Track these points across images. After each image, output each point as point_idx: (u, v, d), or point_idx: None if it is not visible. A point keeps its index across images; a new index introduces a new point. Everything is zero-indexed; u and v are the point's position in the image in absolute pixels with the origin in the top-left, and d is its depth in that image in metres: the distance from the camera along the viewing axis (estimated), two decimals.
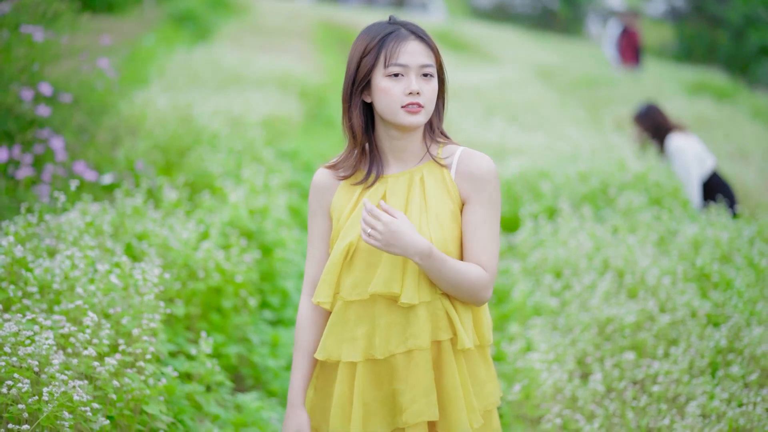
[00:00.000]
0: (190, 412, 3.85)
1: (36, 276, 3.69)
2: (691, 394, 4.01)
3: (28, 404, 2.99)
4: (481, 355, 2.79)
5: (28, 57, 6.24)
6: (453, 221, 2.71)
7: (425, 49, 2.69)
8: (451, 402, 2.70)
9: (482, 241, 2.70)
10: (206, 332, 4.16)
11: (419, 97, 2.67)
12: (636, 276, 4.97)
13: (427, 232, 2.67)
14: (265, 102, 9.37)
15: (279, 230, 5.74)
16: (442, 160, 2.76)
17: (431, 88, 2.69)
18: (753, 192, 8.69)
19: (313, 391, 2.83)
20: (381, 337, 2.68)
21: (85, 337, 3.29)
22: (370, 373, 2.72)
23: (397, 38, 2.69)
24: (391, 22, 2.75)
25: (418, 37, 2.69)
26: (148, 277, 3.80)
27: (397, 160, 2.77)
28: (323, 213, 2.82)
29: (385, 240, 2.58)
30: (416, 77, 2.67)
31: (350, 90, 2.75)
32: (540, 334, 4.67)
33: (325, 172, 2.84)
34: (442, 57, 2.77)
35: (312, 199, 2.85)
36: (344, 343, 2.71)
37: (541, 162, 7.41)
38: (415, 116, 2.68)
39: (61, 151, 5.98)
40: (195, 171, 6.49)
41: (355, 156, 2.78)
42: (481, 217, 2.70)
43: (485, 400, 2.78)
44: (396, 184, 2.74)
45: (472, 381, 2.75)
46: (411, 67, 2.67)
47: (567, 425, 4.00)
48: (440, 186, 2.73)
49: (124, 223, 4.69)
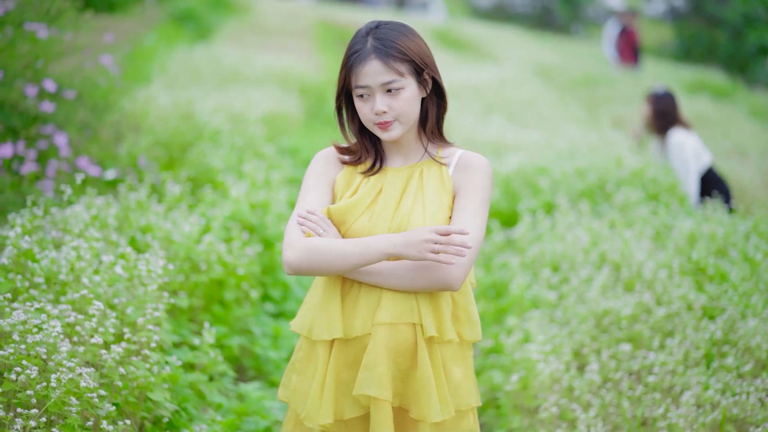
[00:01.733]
0: (193, 400, 3.92)
1: (42, 267, 3.76)
2: (686, 385, 4.08)
3: (37, 391, 3.05)
4: (460, 354, 2.84)
5: (32, 54, 6.31)
6: (443, 211, 2.78)
7: (384, 66, 2.72)
8: (423, 389, 2.74)
9: (458, 220, 2.76)
10: (209, 324, 4.22)
11: (386, 115, 2.74)
12: (632, 269, 5.04)
13: (422, 219, 2.74)
14: (265, 99, 9.45)
15: (280, 224, 5.81)
16: (442, 159, 2.85)
17: (400, 101, 2.74)
18: (749, 189, 8.77)
19: (296, 375, 2.88)
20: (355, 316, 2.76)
21: (92, 325, 3.36)
22: (343, 353, 2.78)
23: (358, 58, 2.75)
24: (365, 33, 2.78)
25: (379, 55, 2.72)
26: (153, 269, 3.87)
27: (398, 154, 2.87)
28: (327, 182, 2.87)
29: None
30: (381, 95, 2.73)
31: (337, 99, 2.86)
32: (538, 326, 4.74)
33: (334, 151, 2.91)
34: (428, 58, 2.79)
35: (317, 166, 2.89)
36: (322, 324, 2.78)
37: (540, 159, 7.47)
38: (388, 132, 2.77)
39: (65, 147, 6.05)
40: (197, 166, 6.57)
41: (361, 148, 2.88)
42: (464, 202, 2.78)
43: (459, 400, 2.82)
44: (395, 178, 2.83)
45: (447, 378, 2.80)
46: (373, 87, 2.73)
47: (564, 414, 4.06)
48: (437, 181, 2.82)
49: (128, 217, 4.76)
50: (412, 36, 2.79)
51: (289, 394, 2.90)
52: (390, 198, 2.80)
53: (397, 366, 2.77)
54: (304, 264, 2.72)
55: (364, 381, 2.73)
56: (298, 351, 2.92)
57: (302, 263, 2.72)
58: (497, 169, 7.31)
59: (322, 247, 2.71)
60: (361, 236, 2.76)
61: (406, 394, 2.79)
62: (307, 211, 2.78)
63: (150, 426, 3.57)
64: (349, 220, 2.79)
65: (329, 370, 2.77)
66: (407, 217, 2.76)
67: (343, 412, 2.79)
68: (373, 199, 2.82)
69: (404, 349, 2.76)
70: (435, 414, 2.73)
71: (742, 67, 23.23)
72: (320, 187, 2.86)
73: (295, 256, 2.72)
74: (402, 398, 2.80)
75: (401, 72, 2.73)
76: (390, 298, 2.75)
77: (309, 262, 2.71)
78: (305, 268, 2.73)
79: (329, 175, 2.88)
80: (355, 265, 2.70)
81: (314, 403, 2.78)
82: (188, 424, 3.73)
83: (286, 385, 2.93)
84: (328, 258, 2.70)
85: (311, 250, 2.71)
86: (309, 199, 2.83)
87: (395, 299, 2.75)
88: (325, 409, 2.76)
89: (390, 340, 2.74)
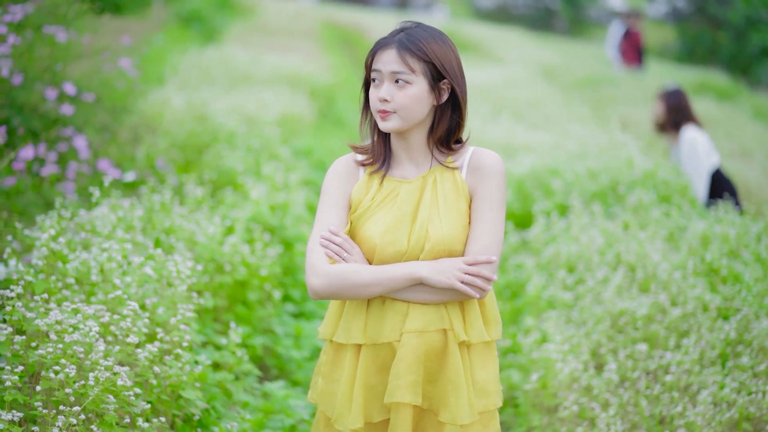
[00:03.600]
0: (221, 399, 4.00)
1: (74, 268, 3.84)
2: (703, 384, 4.15)
3: (75, 389, 3.13)
4: (486, 353, 2.87)
5: (51, 57, 6.38)
6: (462, 219, 2.79)
7: (399, 56, 2.75)
8: (453, 391, 2.77)
9: (478, 232, 2.78)
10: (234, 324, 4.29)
11: (387, 104, 2.77)
12: (647, 270, 5.11)
13: (439, 227, 2.77)
14: (277, 101, 9.53)
15: (299, 226, 5.89)
16: (452, 163, 2.86)
17: (404, 95, 2.76)
18: (756, 190, 8.82)
19: (321, 378, 2.92)
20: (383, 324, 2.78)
21: (127, 325, 3.44)
22: (371, 358, 2.81)
23: (382, 45, 2.80)
24: (399, 29, 2.83)
25: (398, 46, 2.76)
26: (181, 269, 3.95)
27: (408, 159, 2.88)
28: (344, 197, 2.88)
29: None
30: (388, 83, 2.77)
31: (363, 88, 2.90)
32: (555, 326, 4.81)
33: (348, 161, 2.93)
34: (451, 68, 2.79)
35: (332, 183, 2.90)
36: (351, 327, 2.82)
37: (551, 160, 7.54)
38: (385, 122, 2.79)
39: (85, 149, 6.13)
40: (213, 168, 6.65)
41: (375, 146, 2.90)
42: (481, 208, 2.79)
43: (485, 399, 2.85)
44: (410, 190, 2.84)
45: (473, 378, 2.83)
46: (384, 73, 2.78)
47: (583, 413, 4.13)
48: (452, 187, 2.83)
49: (152, 219, 4.84)
50: (442, 43, 2.81)
51: (316, 397, 2.95)
52: (407, 210, 2.80)
53: (426, 369, 2.79)
54: (329, 291, 2.75)
55: (397, 389, 2.76)
56: (323, 354, 2.95)
57: (327, 291, 2.75)
58: (509, 170, 7.38)
59: (348, 275, 2.73)
60: (377, 247, 2.78)
61: (434, 397, 2.81)
62: (329, 231, 2.80)
63: (181, 424, 3.65)
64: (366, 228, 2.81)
65: (358, 375, 2.81)
66: (425, 229, 2.77)
67: (372, 415, 2.83)
68: (390, 209, 2.83)
69: (434, 353, 2.79)
70: (464, 416, 2.76)
71: (745, 69, 23.31)
72: (338, 205, 2.87)
73: (320, 283, 2.74)
74: (431, 401, 2.81)
75: (413, 69, 2.75)
76: (418, 305, 2.78)
77: (334, 289, 2.74)
78: (331, 295, 2.76)
79: (345, 190, 2.89)
80: (381, 292, 2.75)
81: (343, 407, 2.82)
82: (217, 422, 3.81)
83: (314, 388, 2.99)
84: (354, 287, 2.73)
85: (336, 278, 2.73)
86: (328, 218, 2.84)
87: (424, 306, 2.78)
88: (355, 414, 2.80)
89: (419, 347, 2.77)
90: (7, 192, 5.47)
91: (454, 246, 2.77)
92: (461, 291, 2.71)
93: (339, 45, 21.45)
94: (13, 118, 5.94)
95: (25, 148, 5.72)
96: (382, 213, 2.83)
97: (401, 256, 2.78)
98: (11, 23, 5.97)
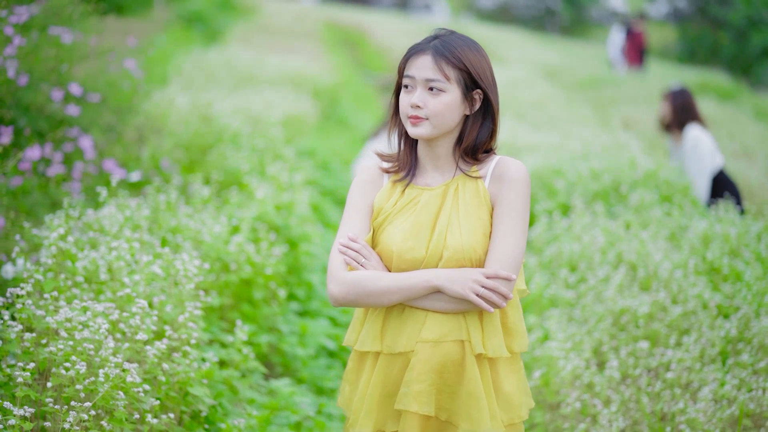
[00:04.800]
0: (227, 396, 4.05)
1: (83, 266, 3.89)
2: (703, 381, 4.20)
3: (85, 385, 3.17)
4: (511, 366, 2.85)
5: (57, 58, 6.42)
6: (483, 228, 2.77)
7: (434, 63, 2.74)
8: (473, 404, 2.74)
9: (499, 242, 2.75)
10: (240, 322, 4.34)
11: (420, 110, 2.75)
12: (649, 269, 5.16)
13: (458, 235, 2.75)
14: (281, 102, 9.58)
15: (303, 225, 5.95)
16: (476, 172, 2.83)
17: (437, 102, 2.74)
18: (757, 190, 8.88)
19: (347, 385, 2.94)
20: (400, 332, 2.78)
21: (136, 322, 3.48)
22: (388, 367, 2.81)
23: (416, 51, 2.79)
24: (434, 36, 2.82)
25: (434, 53, 2.75)
26: (189, 268, 4.00)
27: (434, 167, 2.86)
28: (367, 205, 2.89)
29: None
30: (422, 90, 2.76)
31: (395, 92, 2.89)
32: (557, 324, 4.86)
33: (372, 169, 2.94)
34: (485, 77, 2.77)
35: (355, 191, 2.92)
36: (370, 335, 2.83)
37: (554, 160, 7.59)
38: (416, 128, 2.77)
39: (90, 150, 6.17)
40: (218, 168, 6.70)
41: (402, 154, 2.90)
42: (503, 218, 2.77)
43: (511, 412, 2.82)
44: (431, 198, 2.82)
45: (497, 390, 2.80)
46: (417, 79, 2.76)
47: (585, 410, 4.18)
48: (474, 196, 2.81)
49: (158, 218, 4.88)
50: (476, 52, 2.79)
51: (343, 402, 2.97)
52: (427, 218, 2.79)
53: (444, 381, 2.76)
54: (348, 299, 2.77)
55: (405, 396, 2.76)
56: (350, 361, 2.96)
57: (347, 298, 2.77)
58: None
59: (365, 282, 2.75)
60: (395, 254, 2.78)
61: (454, 409, 2.77)
62: (348, 237, 2.82)
63: (188, 420, 3.70)
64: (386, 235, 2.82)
65: (372, 383, 2.82)
66: (443, 237, 2.76)
67: (386, 423, 2.83)
68: (410, 217, 2.81)
69: (451, 364, 2.76)
70: (485, 428, 2.74)
71: (746, 69, 23.37)
72: (360, 213, 2.87)
73: (339, 290, 2.77)
74: (450, 413, 2.78)
75: (448, 76, 2.74)
76: (436, 315, 2.76)
77: (354, 296, 2.76)
78: (350, 302, 2.78)
79: (368, 198, 2.90)
80: (399, 300, 2.75)
81: (357, 414, 2.84)
82: (224, 418, 3.86)
83: (342, 393, 2.99)
84: (372, 294, 2.75)
85: (354, 285, 2.75)
86: (349, 226, 2.85)
87: (442, 316, 2.76)
88: (364, 421, 2.81)
89: (433, 357, 2.75)
90: (14, 192, 5.51)
91: (474, 254, 2.75)
92: (474, 303, 2.70)
93: (341, 45, 21.53)
94: (20, 118, 5.98)
95: (31, 149, 5.76)
96: (402, 220, 2.82)
97: (419, 263, 2.76)
98: (17, 24, 6.02)
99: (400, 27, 24.30)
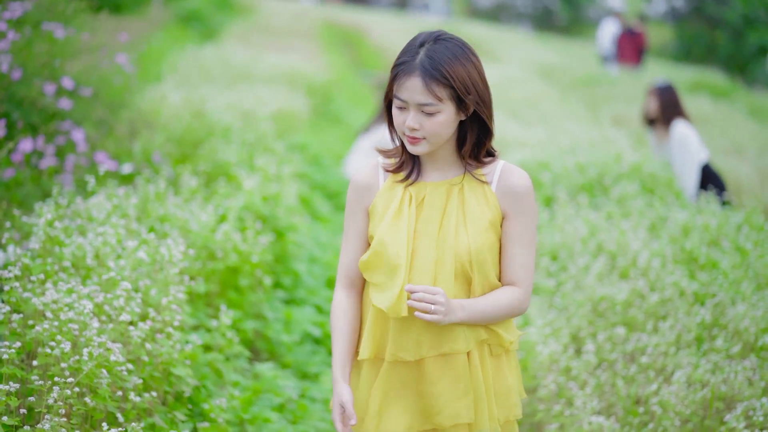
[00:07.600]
0: (211, 378, 4.15)
1: (71, 252, 3.99)
2: (678, 365, 4.27)
3: (70, 364, 3.27)
4: (509, 362, 2.87)
5: (50, 53, 6.52)
6: (491, 230, 2.77)
7: (424, 87, 2.68)
8: (479, 403, 2.78)
9: (519, 256, 2.78)
10: (225, 308, 4.44)
11: (417, 132, 2.72)
12: (628, 258, 5.25)
13: (465, 238, 2.74)
14: (274, 98, 9.68)
15: (291, 216, 6.04)
16: (483, 176, 2.82)
17: (433, 122, 2.70)
18: (746, 186, 8.96)
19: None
20: (413, 341, 2.76)
21: (120, 304, 3.58)
22: (393, 375, 2.80)
23: (404, 70, 2.71)
24: (419, 43, 2.74)
25: (422, 74, 2.69)
26: (173, 253, 4.10)
27: (433, 168, 2.84)
28: (362, 212, 2.88)
29: (445, 311, 2.66)
30: (415, 112, 2.71)
31: (385, 98, 2.86)
32: (537, 311, 4.95)
33: (367, 171, 2.91)
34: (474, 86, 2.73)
35: (352, 198, 2.90)
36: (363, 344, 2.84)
37: (542, 154, 7.68)
38: (416, 147, 2.75)
39: (82, 143, 6.27)
40: (209, 161, 6.80)
41: (402, 153, 2.86)
42: (518, 232, 2.79)
43: (508, 410, 2.85)
44: (434, 193, 2.80)
45: (497, 388, 2.83)
46: (410, 102, 2.71)
47: (561, 393, 4.27)
48: (480, 197, 2.80)
49: (146, 207, 4.98)
50: (464, 60, 2.74)
51: None
52: (432, 217, 2.79)
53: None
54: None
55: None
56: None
57: None
58: None
59: None
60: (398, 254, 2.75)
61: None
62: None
63: (172, 401, 3.79)
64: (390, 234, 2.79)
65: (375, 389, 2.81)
66: (449, 238, 2.75)
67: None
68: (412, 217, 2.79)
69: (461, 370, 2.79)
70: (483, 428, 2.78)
71: (742, 68, 23.46)
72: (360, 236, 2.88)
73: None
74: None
75: (440, 97, 2.69)
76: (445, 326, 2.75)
77: None
78: None
79: (363, 208, 2.87)
80: None
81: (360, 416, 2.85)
82: (207, 399, 3.96)
83: None
84: None
85: None
86: (350, 250, 2.88)
87: (450, 326, 2.75)
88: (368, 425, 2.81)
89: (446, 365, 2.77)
90: (7, 184, 5.61)
91: (484, 254, 2.76)
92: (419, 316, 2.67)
93: (339, 45, 21.62)
94: (13, 112, 6.08)
95: (24, 141, 5.85)
96: (405, 219, 2.79)
97: (426, 264, 2.75)
98: (10, 20, 6.12)
99: (398, 26, 24.37)
